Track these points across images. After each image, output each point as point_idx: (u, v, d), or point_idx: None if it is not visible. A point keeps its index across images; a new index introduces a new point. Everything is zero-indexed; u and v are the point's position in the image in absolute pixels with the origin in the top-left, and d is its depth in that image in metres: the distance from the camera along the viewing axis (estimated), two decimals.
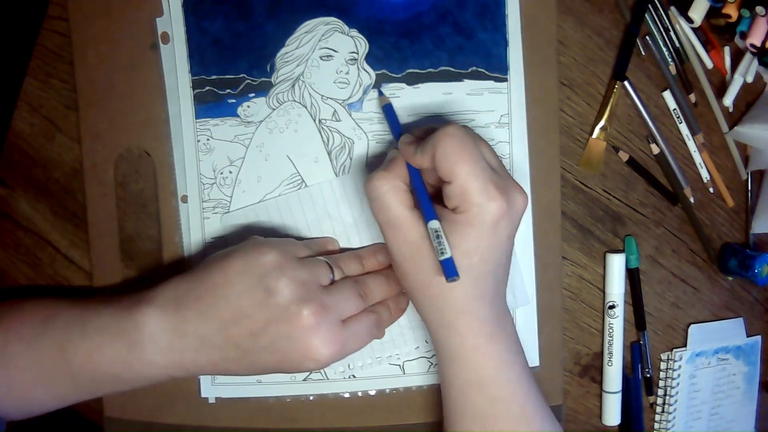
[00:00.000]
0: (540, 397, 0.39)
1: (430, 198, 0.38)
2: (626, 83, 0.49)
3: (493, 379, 0.38)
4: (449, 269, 0.36)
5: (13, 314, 0.40)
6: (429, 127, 0.41)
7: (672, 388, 0.52)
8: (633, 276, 0.51)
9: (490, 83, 0.46)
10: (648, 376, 0.52)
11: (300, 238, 0.45)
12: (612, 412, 0.51)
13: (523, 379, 0.38)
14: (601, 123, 0.49)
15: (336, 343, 0.38)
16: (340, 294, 0.40)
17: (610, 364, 0.51)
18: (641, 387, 0.52)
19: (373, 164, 0.46)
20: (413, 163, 0.38)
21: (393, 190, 0.38)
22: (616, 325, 0.50)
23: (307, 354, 0.37)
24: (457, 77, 0.46)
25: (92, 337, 0.38)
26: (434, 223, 0.37)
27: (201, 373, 0.41)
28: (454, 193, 0.36)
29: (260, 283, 0.38)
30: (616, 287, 0.50)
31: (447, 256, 0.36)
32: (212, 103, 0.45)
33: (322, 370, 0.47)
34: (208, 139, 0.45)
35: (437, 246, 0.36)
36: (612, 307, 0.50)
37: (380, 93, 0.45)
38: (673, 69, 0.51)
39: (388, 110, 0.44)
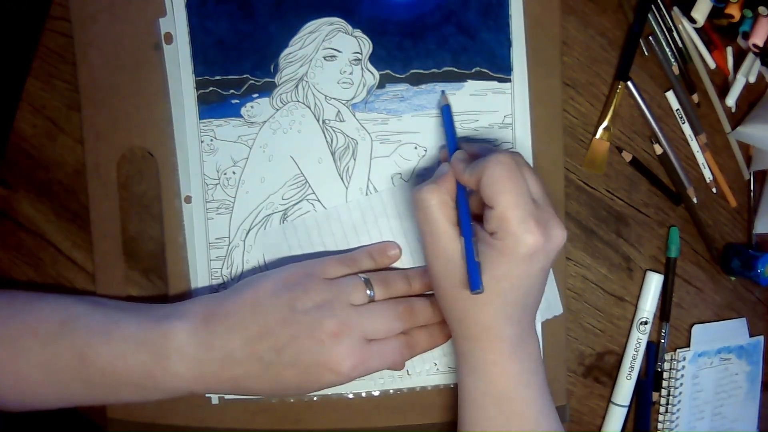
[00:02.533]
0: (555, 418, 0.40)
1: (472, 217, 0.39)
2: (629, 83, 0.49)
3: (509, 395, 0.38)
4: (474, 281, 0.36)
5: (30, 309, 0.40)
6: (484, 146, 0.42)
7: (675, 388, 0.52)
8: (669, 265, 0.52)
9: (494, 84, 0.46)
10: (659, 370, 0.52)
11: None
12: (616, 424, 0.51)
13: (539, 399, 0.39)
14: (605, 123, 0.49)
15: (357, 356, 0.39)
16: (371, 314, 0.40)
17: (629, 377, 0.51)
18: (651, 388, 0.52)
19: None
20: (461, 181, 0.39)
21: (439, 204, 0.39)
22: (645, 341, 0.51)
23: (329, 365, 0.39)
24: (461, 78, 0.46)
25: (117, 344, 0.38)
26: (468, 239, 0.38)
27: (221, 390, 0.41)
28: (494, 218, 0.37)
29: (287, 303, 0.39)
30: (650, 304, 0.51)
31: (474, 266, 0.36)
32: (216, 103, 0.45)
33: None
34: (211, 140, 0.45)
35: (467, 259, 0.37)
36: (644, 323, 0.50)
37: (443, 92, 0.45)
38: (676, 69, 0.51)
39: (446, 113, 0.44)
